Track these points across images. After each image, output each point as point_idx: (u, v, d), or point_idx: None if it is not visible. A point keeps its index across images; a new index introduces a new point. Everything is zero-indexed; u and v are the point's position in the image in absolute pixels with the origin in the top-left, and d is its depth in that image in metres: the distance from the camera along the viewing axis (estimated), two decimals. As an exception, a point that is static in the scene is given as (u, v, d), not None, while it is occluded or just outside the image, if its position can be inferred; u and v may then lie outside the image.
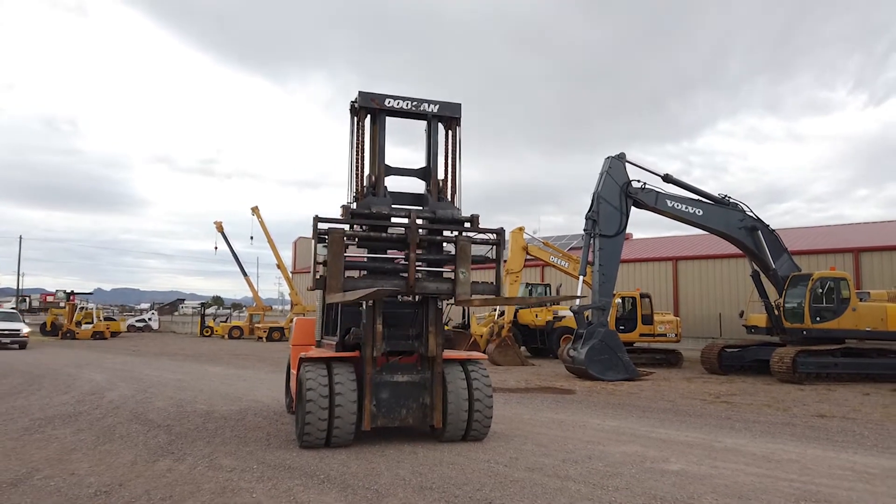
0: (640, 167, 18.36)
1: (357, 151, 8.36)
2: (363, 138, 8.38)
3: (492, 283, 8.32)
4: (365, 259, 8.17)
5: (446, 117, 8.64)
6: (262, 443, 8.17)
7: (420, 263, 8.10)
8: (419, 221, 8.16)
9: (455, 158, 8.64)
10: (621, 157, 18.06)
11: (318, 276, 7.82)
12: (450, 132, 8.68)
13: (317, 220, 7.77)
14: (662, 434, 9.16)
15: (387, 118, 8.50)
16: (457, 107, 8.65)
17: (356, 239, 8.01)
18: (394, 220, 8.14)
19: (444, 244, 8.49)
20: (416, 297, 8.40)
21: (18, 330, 27.51)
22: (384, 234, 8.10)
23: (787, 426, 10.03)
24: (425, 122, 8.68)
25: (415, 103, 8.46)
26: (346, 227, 7.95)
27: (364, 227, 8.11)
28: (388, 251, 8.24)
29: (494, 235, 8.36)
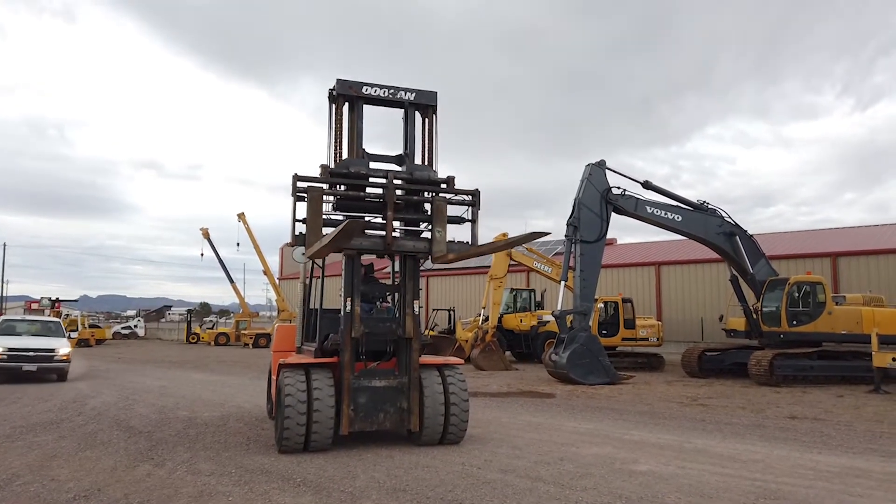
0: (620, 174, 18.68)
1: (335, 138, 8.53)
2: (342, 125, 8.57)
3: (467, 242, 8.52)
4: (343, 219, 8.33)
5: (423, 105, 8.82)
6: (241, 448, 8.29)
7: (398, 223, 8.32)
8: (397, 182, 8.33)
9: (431, 145, 8.83)
10: (601, 164, 18.35)
11: (297, 234, 7.99)
12: (426, 120, 8.87)
13: (296, 178, 7.95)
14: (636, 436, 9.38)
15: (365, 107, 8.65)
16: (433, 95, 8.83)
17: (335, 198, 8.19)
18: (371, 180, 8.34)
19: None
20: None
21: (53, 350, 16.74)
22: (362, 194, 8.29)
23: (758, 428, 10.29)
24: (402, 111, 8.84)
25: (392, 91, 8.63)
26: (325, 186, 8.10)
27: (342, 186, 8.28)
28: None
29: (470, 196, 8.58)
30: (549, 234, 7.11)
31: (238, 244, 43.65)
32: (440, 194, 8.44)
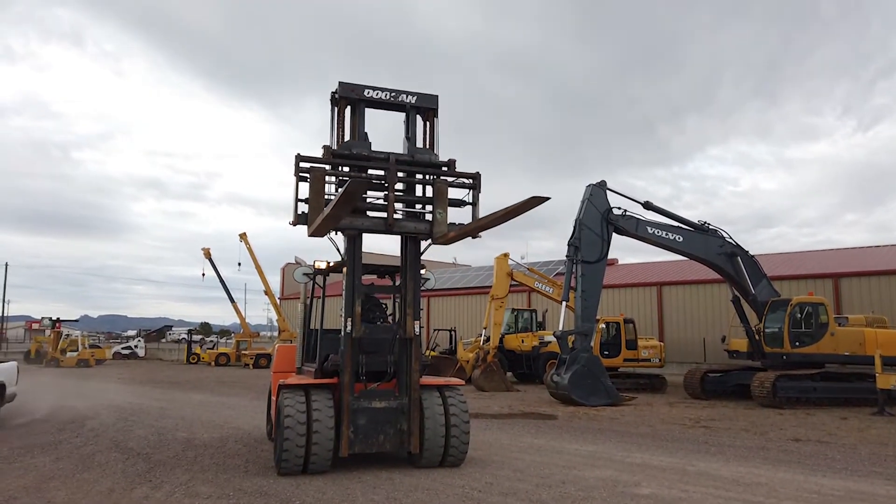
0: (620, 194, 18.69)
1: (338, 141, 8.60)
2: (343, 127, 8.63)
3: (467, 223, 8.53)
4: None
5: (424, 108, 8.89)
6: (240, 470, 8.23)
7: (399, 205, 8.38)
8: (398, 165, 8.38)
9: (433, 148, 8.88)
10: (602, 185, 18.39)
11: (299, 213, 8.06)
12: (427, 123, 8.94)
13: (298, 158, 8.02)
14: (638, 458, 9.29)
15: (367, 110, 8.73)
16: (434, 98, 8.91)
17: (336, 178, 8.25)
18: (373, 161, 8.40)
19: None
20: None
21: None
22: (364, 175, 8.34)
23: (762, 450, 10.19)
24: (404, 114, 8.90)
25: (393, 94, 8.71)
26: (328, 166, 8.18)
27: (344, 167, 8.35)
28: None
29: (471, 179, 8.63)
30: (550, 198, 7.03)
31: (239, 264, 43.59)
32: (441, 177, 8.53)
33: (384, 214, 8.19)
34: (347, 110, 8.67)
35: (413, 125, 8.87)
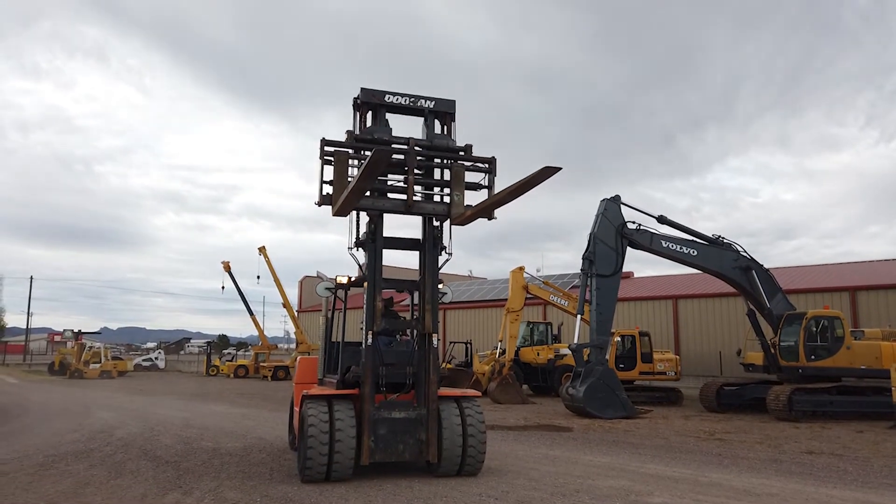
0: (634, 208, 18.90)
1: (360, 130, 8.96)
2: (366, 126, 9.01)
3: (482, 201, 8.84)
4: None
5: (442, 112, 9.27)
6: (265, 477, 8.54)
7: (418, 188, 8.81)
8: (417, 148, 8.80)
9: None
10: (616, 199, 18.62)
11: (324, 194, 8.49)
12: (445, 127, 9.31)
13: (323, 142, 8.49)
14: (652, 469, 9.48)
15: (387, 114, 9.14)
16: (451, 103, 9.31)
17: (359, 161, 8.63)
18: (394, 145, 8.80)
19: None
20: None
21: None
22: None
23: (774, 462, 10.32)
24: (422, 119, 9.28)
25: (412, 99, 9.13)
26: (351, 150, 8.62)
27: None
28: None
29: (487, 164, 9.03)
30: (561, 168, 7.20)
31: (258, 277, 44.14)
32: (458, 161, 8.93)
33: (404, 197, 8.61)
34: (369, 115, 9.12)
35: (431, 129, 9.24)
